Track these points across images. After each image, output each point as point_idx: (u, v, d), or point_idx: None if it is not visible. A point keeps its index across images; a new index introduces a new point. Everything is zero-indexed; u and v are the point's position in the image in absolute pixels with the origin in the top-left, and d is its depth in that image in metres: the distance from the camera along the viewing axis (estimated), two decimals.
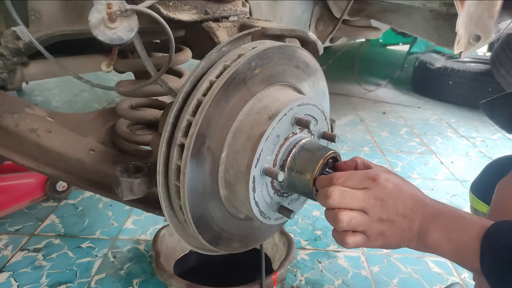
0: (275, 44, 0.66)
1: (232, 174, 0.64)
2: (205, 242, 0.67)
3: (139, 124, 1.02)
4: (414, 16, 1.42)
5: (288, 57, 0.68)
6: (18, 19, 0.65)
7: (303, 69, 0.73)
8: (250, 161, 0.61)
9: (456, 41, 1.28)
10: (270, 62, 0.65)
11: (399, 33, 3.72)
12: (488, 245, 0.59)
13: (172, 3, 0.73)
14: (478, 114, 3.13)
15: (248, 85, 0.63)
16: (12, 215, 1.53)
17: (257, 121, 0.63)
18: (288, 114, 0.64)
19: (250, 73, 0.62)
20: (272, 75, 0.67)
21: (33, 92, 3.06)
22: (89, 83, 0.72)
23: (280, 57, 0.66)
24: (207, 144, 0.60)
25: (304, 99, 0.67)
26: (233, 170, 0.64)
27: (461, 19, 1.23)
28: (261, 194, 0.66)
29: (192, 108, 0.60)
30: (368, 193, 0.63)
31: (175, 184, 0.62)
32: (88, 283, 1.24)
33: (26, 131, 0.84)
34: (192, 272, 1.26)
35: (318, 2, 1.53)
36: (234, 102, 0.62)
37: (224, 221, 0.69)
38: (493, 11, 1.26)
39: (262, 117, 0.63)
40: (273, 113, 0.63)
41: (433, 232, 0.62)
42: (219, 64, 0.62)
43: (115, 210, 1.62)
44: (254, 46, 0.66)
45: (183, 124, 0.60)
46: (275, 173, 0.62)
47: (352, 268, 1.37)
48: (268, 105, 0.64)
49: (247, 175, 0.62)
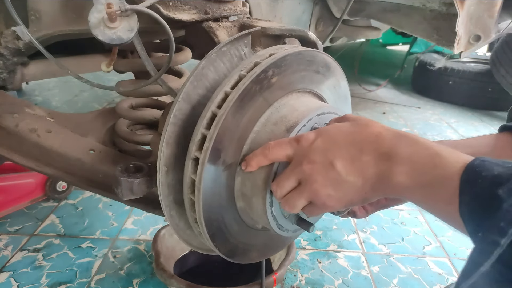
0: (294, 50, 0.63)
1: (248, 187, 0.62)
2: (222, 255, 0.65)
3: (139, 124, 1.02)
4: (414, 16, 1.42)
5: (308, 62, 0.65)
6: (18, 19, 0.65)
7: (323, 74, 0.69)
8: (267, 175, 0.59)
9: (456, 41, 1.28)
10: (288, 69, 0.62)
11: (399, 33, 3.73)
12: (468, 181, 0.44)
13: (172, 3, 0.73)
14: (478, 114, 3.13)
15: (265, 94, 0.60)
16: (12, 215, 1.53)
17: (274, 133, 0.60)
18: (307, 125, 0.61)
19: (267, 82, 0.59)
20: (290, 83, 0.63)
21: (33, 92, 3.06)
22: (89, 83, 0.72)
23: (299, 63, 0.63)
24: (222, 157, 0.58)
25: (323, 107, 0.64)
26: (249, 183, 0.62)
27: (461, 19, 1.23)
28: (279, 207, 0.63)
29: (207, 120, 0.58)
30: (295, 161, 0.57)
31: (190, 198, 0.60)
32: (88, 283, 1.24)
33: (26, 131, 0.84)
34: (192, 272, 1.26)
35: (318, 2, 1.53)
36: (250, 113, 0.60)
37: (241, 232, 0.67)
38: (493, 11, 1.26)
39: (280, 129, 0.60)
40: (291, 124, 0.60)
41: (397, 177, 0.50)
42: (235, 74, 0.60)
43: (115, 210, 1.62)
44: (272, 52, 0.63)
45: (197, 137, 0.58)
46: None
47: (352, 268, 1.37)
48: (286, 115, 0.62)
49: (264, 190, 0.60)
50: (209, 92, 0.63)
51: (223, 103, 0.57)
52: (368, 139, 0.54)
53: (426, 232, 1.60)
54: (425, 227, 1.64)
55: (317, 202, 0.56)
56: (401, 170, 0.50)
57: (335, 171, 0.54)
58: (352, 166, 0.53)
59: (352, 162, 0.53)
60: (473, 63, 3.42)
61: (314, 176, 0.55)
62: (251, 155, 0.59)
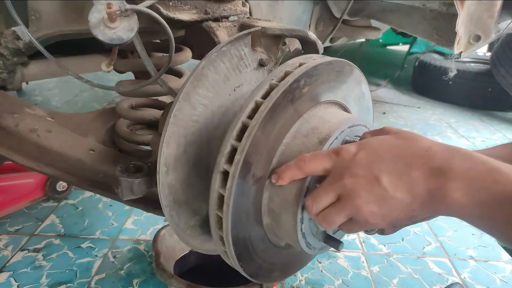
0: (324, 59, 0.61)
1: (277, 203, 0.59)
2: (246, 275, 0.62)
3: (139, 124, 1.01)
4: (414, 16, 1.42)
5: (337, 73, 0.64)
6: (18, 19, 0.65)
7: (350, 84, 0.68)
8: (299, 190, 0.56)
9: (456, 41, 1.28)
10: (318, 79, 0.60)
11: (399, 33, 3.72)
12: None
13: (172, 3, 0.73)
14: (478, 114, 3.13)
15: (296, 105, 0.58)
16: (12, 215, 1.53)
17: (306, 145, 0.58)
18: (339, 138, 0.59)
19: (298, 92, 0.57)
20: (319, 93, 0.62)
21: (33, 92, 3.06)
22: (89, 83, 0.72)
23: (328, 73, 0.61)
24: (252, 171, 0.55)
25: (353, 120, 0.62)
26: (278, 198, 0.58)
27: (461, 19, 1.23)
28: (308, 224, 0.60)
29: (237, 131, 0.55)
30: (335, 175, 0.53)
31: (217, 214, 0.57)
32: (88, 283, 1.24)
33: (26, 131, 0.84)
34: (192, 272, 1.26)
35: (318, 2, 1.53)
36: (280, 124, 0.57)
37: (265, 251, 0.65)
38: (493, 11, 1.26)
39: (312, 141, 0.58)
40: (324, 136, 0.58)
41: (452, 194, 0.47)
42: (265, 83, 0.57)
43: (115, 210, 1.62)
44: (302, 62, 0.61)
45: (227, 149, 0.54)
46: None
47: (352, 268, 1.37)
48: (317, 127, 0.59)
49: (295, 205, 0.57)
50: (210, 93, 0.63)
51: (254, 113, 0.55)
52: (416, 153, 0.51)
53: (426, 232, 1.60)
54: (425, 227, 1.64)
55: (358, 218, 0.53)
56: (456, 186, 0.47)
57: (380, 186, 0.50)
58: (400, 182, 0.50)
59: (400, 178, 0.50)
60: (473, 63, 3.42)
61: (357, 191, 0.51)
62: (283, 168, 0.56)
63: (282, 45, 0.78)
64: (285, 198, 0.58)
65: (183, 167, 0.63)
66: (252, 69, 0.70)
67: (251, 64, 0.70)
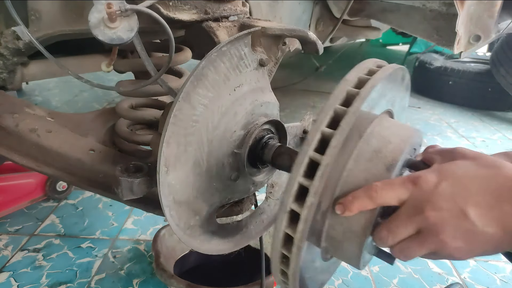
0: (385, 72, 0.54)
1: (339, 231, 0.55)
2: None
3: (139, 124, 1.01)
4: (414, 16, 1.42)
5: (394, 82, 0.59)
6: (18, 19, 0.65)
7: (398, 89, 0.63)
8: (368, 222, 0.52)
9: (456, 41, 1.28)
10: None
11: (399, 33, 3.72)
12: None
13: (172, 3, 0.73)
14: (478, 114, 3.13)
15: (357, 125, 0.52)
16: (12, 215, 1.53)
17: (371, 172, 0.53)
18: (403, 159, 0.55)
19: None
20: (374, 106, 0.56)
21: (33, 92, 3.06)
22: (89, 83, 0.72)
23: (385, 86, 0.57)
24: (322, 208, 0.51)
25: (412, 135, 0.57)
26: (341, 227, 0.54)
27: (461, 19, 1.23)
28: (368, 247, 0.57)
29: (304, 167, 0.49)
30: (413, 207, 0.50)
31: (281, 252, 0.53)
32: (88, 283, 1.24)
33: (26, 131, 0.84)
34: (192, 272, 1.26)
35: (318, 2, 1.53)
36: (346, 149, 0.52)
37: (317, 269, 0.63)
38: (493, 11, 1.26)
39: (378, 167, 0.53)
40: (390, 162, 0.53)
41: None
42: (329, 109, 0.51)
43: (115, 210, 1.62)
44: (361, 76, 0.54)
45: (294, 188, 0.49)
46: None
47: (352, 268, 1.37)
48: (380, 149, 0.54)
49: (362, 236, 0.53)
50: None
51: (320, 145, 0.50)
52: (506, 184, 0.48)
53: None
54: None
55: (442, 253, 0.50)
56: None
57: (468, 221, 0.47)
58: (490, 216, 0.47)
59: (490, 211, 0.47)
60: (473, 63, 3.42)
61: (441, 225, 0.48)
62: (351, 198, 0.51)
63: (282, 45, 0.78)
64: (350, 229, 0.54)
65: (183, 167, 0.63)
66: (252, 69, 0.70)
67: (251, 64, 0.70)
